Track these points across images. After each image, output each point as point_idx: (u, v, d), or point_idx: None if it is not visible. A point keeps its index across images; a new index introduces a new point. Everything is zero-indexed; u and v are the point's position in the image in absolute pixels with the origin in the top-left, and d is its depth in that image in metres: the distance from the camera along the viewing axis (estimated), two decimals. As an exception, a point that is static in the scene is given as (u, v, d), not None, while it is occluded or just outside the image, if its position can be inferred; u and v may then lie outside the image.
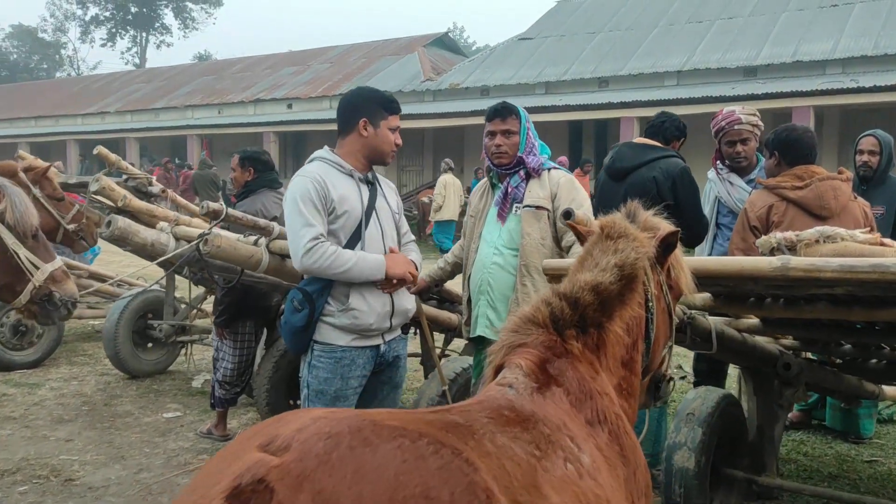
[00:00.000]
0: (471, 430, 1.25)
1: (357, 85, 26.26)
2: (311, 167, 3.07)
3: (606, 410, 1.60)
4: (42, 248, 3.17)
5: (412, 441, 1.06)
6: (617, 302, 1.77)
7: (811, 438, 5.08)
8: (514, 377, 1.57)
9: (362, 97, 3.16)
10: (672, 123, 4.19)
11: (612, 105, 18.91)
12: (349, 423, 1.06)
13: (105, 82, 37.44)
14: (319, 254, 2.88)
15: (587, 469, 1.41)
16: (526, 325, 1.68)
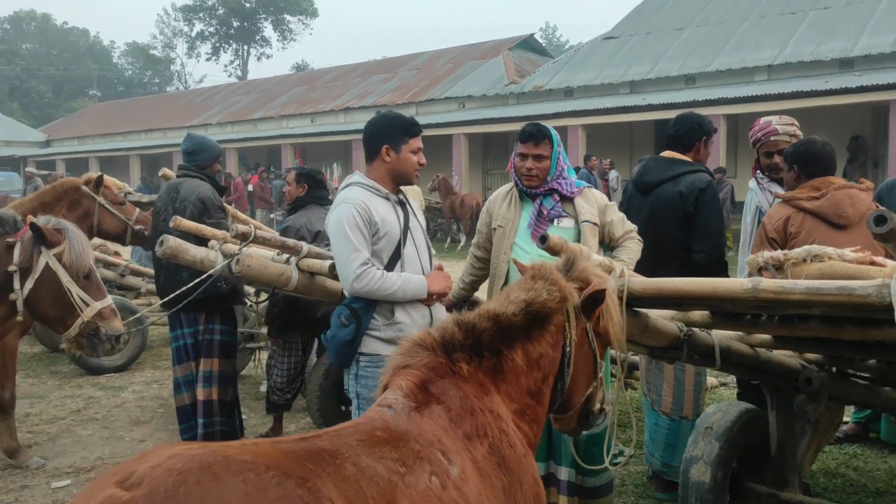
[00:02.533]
0: (334, 455, 1.40)
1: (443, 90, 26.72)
2: (352, 193, 3.25)
3: (487, 426, 1.73)
4: (94, 287, 3.52)
5: (257, 474, 1.20)
6: (521, 334, 1.90)
7: (865, 452, 4.92)
8: (393, 398, 1.72)
9: (383, 125, 3.33)
10: (687, 127, 4.19)
11: (699, 103, 18.38)
12: (201, 459, 1.21)
13: (208, 95, 39.36)
14: (368, 279, 3.09)
15: (453, 480, 1.55)
16: (414, 348, 1.83)
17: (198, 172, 4.96)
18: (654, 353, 3.06)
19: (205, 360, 4.92)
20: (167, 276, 4.88)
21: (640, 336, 2.83)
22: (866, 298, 2.16)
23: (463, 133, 22.94)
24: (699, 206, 3.92)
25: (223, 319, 4.95)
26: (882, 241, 1.98)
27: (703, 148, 4.24)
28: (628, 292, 2.63)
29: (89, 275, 3.48)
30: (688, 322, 3.03)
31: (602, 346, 2.18)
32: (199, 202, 4.76)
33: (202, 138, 5.24)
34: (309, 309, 5.04)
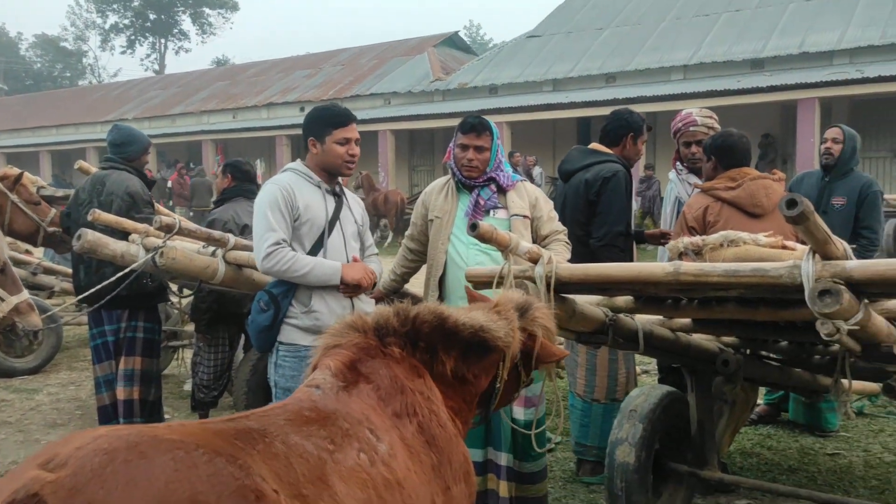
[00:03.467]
0: (263, 434, 1.40)
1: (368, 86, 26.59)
2: (282, 176, 3.30)
3: (417, 405, 1.76)
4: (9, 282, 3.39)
5: (187, 452, 1.19)
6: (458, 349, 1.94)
7: (778, 433, 5.16)
8: (321, 378, 1.73)
9: (311, 116, 3.37)
10: (615, 123, 4.31)
11: (619, 101, 18.82)
12: (127, 439, 1.19)
13: (123, 89, 38.04)
14: (279, 258, 3.10)
15: (381, 457, 1.57)
16: (345, 330, 1.84)
17: (125, 165, 4.80)
18: (581, 338, 3.14)
19: (126, 359, 4.77)
20: (87, 272, 4.71)
21: (567, 321, 2.90)
22: (779, 279, 2.28)
23: (389, 129, 22.89)
24: (600, 193, 4.02)
25: (147, 317, 4.81)
26: (793, 224, 2.09)
27: (632, 144, 4.32)
28: (556, 278, 2.70)
29: (4, 269, 3.35)
30: (613, 308, 3.12)
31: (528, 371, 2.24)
32: (128, 196, 4.60)
33: (130, 129, 5.08)
34: (236, 304, 4.95)
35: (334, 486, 1.42)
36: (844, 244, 2.28)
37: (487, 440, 3.59)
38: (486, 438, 3.59)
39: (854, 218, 4.71)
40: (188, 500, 1.13)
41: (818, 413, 5.00)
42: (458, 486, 1.84)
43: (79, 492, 1.08)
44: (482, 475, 3.58)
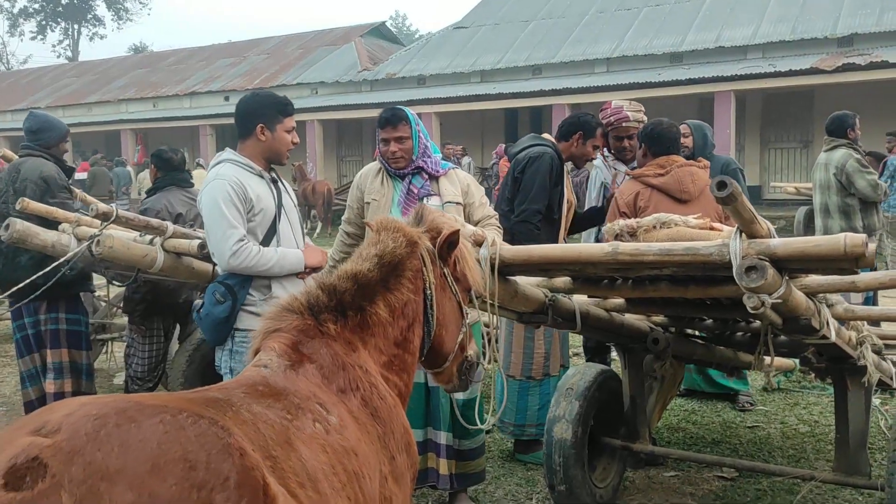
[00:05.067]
0: (229, 403, 1.47)
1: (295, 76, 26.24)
2: (225, 170, 3.21)
3: (358, 380, 1.83)
4: None
5: (173, 416, 1.24)
6: (379, 287, 2.00)
7: (702, 408, 5.42)
8: (268, 359, 1.78)
9: (259, 103, 3.32)
10: (569, 120, 4.46)
11: (545, 92, 19.27)
12: (114, 405, 1.23)
13: (35, 77, 36.44)
14: (245, 255, 3.09)
15: (334, 427, 1.65)
16: (282, 313, 1.90)
17: (42, 152, 4.67)
18: (521, 318, 3.25)
19: (52, 352, 4.66)
20: (5, 261, 4.58)
21: (510, 302, 3.01)
22: (709, 257, 2.43)
23: (317, 120, 22.69)
24: (525, 171, 4.18)
25: (69, 308, 4.70)
26: (723, 205, 2.23)
27: (580, 144, 4.42)
28: (500, 260, 2.80)
29: None
30: (552, 288, 3.24)
31: (464, 291, 2.31)
32: (42, 181, 4.50)
33: (47, 116, 4.98)
34: (171, 294, 4.89)
35: (299, 450, 1.49)
36: (768, 224, 2.45)
37: (427, 420, 3.68)
38: (426, 419, 3.67)
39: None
40: (180, 458, 1.17)
41: (709, 377, 5.32)
42: (401, 455, 1.91)
43: (78, 454, 1.12)
44: (423, 454, 3.66)
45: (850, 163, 6.09)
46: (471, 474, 3.77)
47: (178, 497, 1.15)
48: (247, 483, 1.24)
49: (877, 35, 17.37)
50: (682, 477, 4.27)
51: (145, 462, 1.15)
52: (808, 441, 4.73)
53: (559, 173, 4.25)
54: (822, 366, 3.50)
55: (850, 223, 6.15)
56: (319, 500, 1.45)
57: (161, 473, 1.16)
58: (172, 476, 1.16)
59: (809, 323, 2.66)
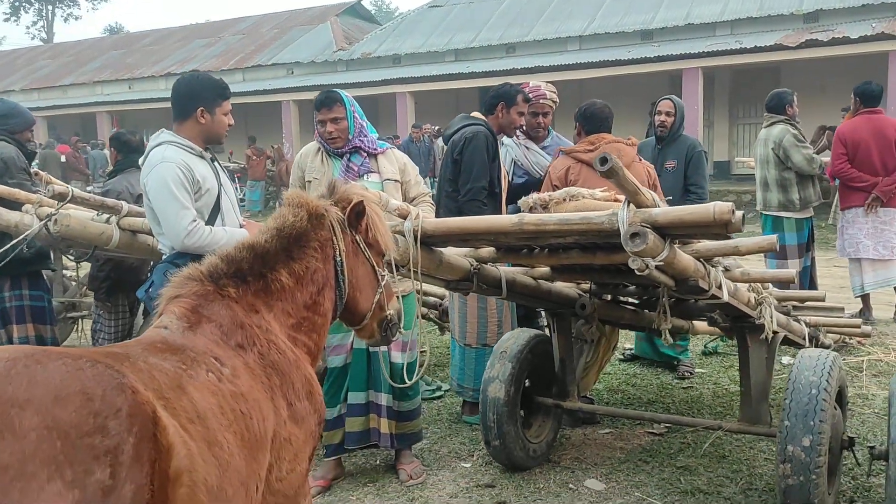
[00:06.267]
0: (127, 356, 1.72)
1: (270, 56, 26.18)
2: (169, 153, 3.34)
3: (256, 337, 2.07)
4: None
5: (73, 359, 1.49)
6: (281, 257, 2.23)
7: (643, 372, 5.75)
8: (168, 321, 2.02)
9: (198, 86, 3.47)
10: (490, 94, 4.69)
11: (518, 71, 19.36)
12: (24, 351, 1.48)
13: (8, 59, 36.04)
14: (199, 235, 3.27)
15: (226, 376, 1.89)
16: (184, 280, 2.13)
17: (6, 136, 4.87)
18: (449, 286, 3.52)
19: (17, 327, 4.89)
20: None
21: (435, 270, 3.28)
22: (601, 225, 2.70)
23: (292, 100, 22.72)
24: (463, 153, 4.42)
25: (31, 284, 4.92)
26: (606, 178, 2.50)
27: (504, 112, 4.67)
28: (422, 231, 3.06)
29: None
30: (478, 258, 3.51)
31: (378, 255, 2.54)
32: (1, 162, 4.70)
33: (16, 104, 5.21)
34: (134, 272, 5.13)
35: (190, 393, 1.73)
36: (654, 194, 2.72)
37: (370, 384, 3.95)
38: (368, 382, 3.94)
39: (683, 176, 5.34)
40: (79, 392, 1.42)
41: (655, 347, 5.64)
42: (302, 402, 2.14)
43: None
44: (366, 415, 3.95)
45: (787, 138, 6.38)
46: (409, 434, 4.05)
47: (77, 422, 1.39)
48: (138, 414, 1.48)
49: (841, 11, 17.65)
50: (616, 434, 4.58)
51: (49, 394, 1.39)
52: (735, 400, 5.05)
53: (494, 149, 4.50)
54: (726, 325, 3.80)
55: (787, 196, 6.46)
56: (206, 433, 1.71)
57: (62, 403, 1.40)
58: (72, 405, 1.40)
59: (698, 284, 2.94)
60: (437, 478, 4.02)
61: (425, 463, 4.18)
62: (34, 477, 1.29)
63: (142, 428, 1.46)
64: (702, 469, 3.99)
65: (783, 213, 6.52)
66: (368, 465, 4.24)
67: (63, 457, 1.33)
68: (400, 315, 2.67)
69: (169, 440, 1.52)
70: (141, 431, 1.45)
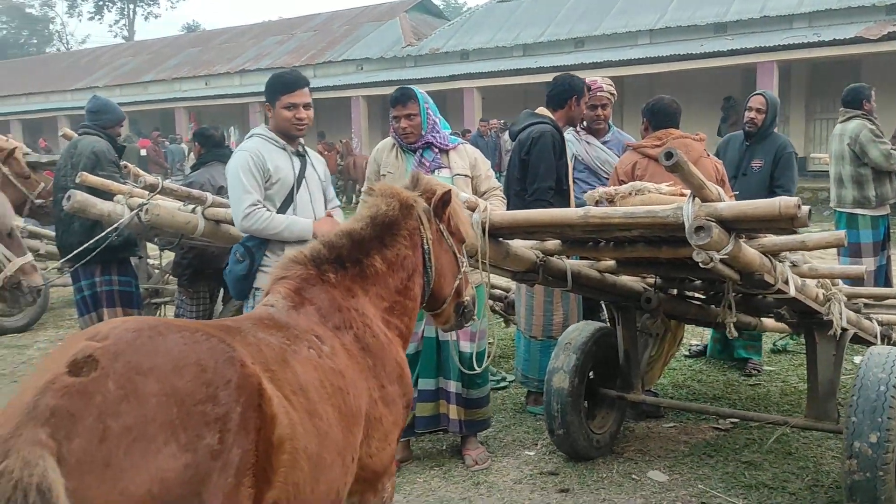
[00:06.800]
0: (238, 330, 1.87)
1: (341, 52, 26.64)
2: (249, 143, 3.68)
3: (352, 320, 2.21)
4: (16, 245, 3.78)
5: (191, 333, 1.65)
6: (374, 244, 2.36)
7: (709, 368, 5.72)
8: (274, 300, 2.18)
9: (269, 83, 3.74)
10: (558, 88, 4.72)
11: (587, 65, 19.23)
12: (148, 323, 1.64)
13: (93, 57, 37.65)
14: (256, 218, 3.51)
15: (326, 353, 2.04)
16: (289, 264, 2.29)
17: (98, 131, 5.19)
18: (516, 277, 3.62)
19: (109, 311, 5.20)
20: (64, 229, 5.15)
21: (502, 261, 3.38)
22: (666, 219, 2.76)
23: (361, 96, 23.11)
24: (530, 153, 4.47)
25: (120, 271, 5.23)
26: (671, 172, 2.55)
27: (575, 105, 4.74)
28: (490, 223, 3.17)
29: (11, 233, 3.73)
30: (544, 251, 3.60)
31: (458, 243, 2.66)
32: (93, 155, 5.01)
33: (107, 101, 5.52)
34: (215, 260, 5.37)
35: (293, 367, 1.88)
36: (720, 189, 2.77)
37: (439, 371, 4.08)
38: (438, 369, 4.08)
39: (770, 177, 5.23)
40: (194, 363, 1.58)
41: (731, 348, 5.58)
42: (392, 385, 2.28)
43: (120, 354, 1.52)
44: (435, 401, 4.08)
45: (863, 133, 6.22)
46: (478, 421, 4.17)
47: (192, 391, 1.55)
48: (245, 385, 1.63)
49: (928, 1, 16.97)
50: (680, 428, 4.60)
51: (169, 363, 1.55)
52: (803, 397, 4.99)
53: (561, 146, 4.56)
54: (794, 321, 3.79)
55: (862, 192, 6.30)
56: (307, 404, 1.86)
57: (180, 372, 1.56)
58: (188, 375, 1.56)
59: (763, 279, 2.96)
60: (502, 464, 4.13)
61: (490, 450, 4.29)
62: (153, 439, 1.45)
63: (248, 398, 1.61)
64: (767, 465, 3.99)
65: (858, 209, 6.36)
66: (435, 449, 4.37)
67: (178, 422, 1.49)
68: (474, 301, 2.79)
69: (273, 410, 1.67)
70: (248, 401, 1.60)
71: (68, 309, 8.38)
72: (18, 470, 1.31)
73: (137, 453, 1.42)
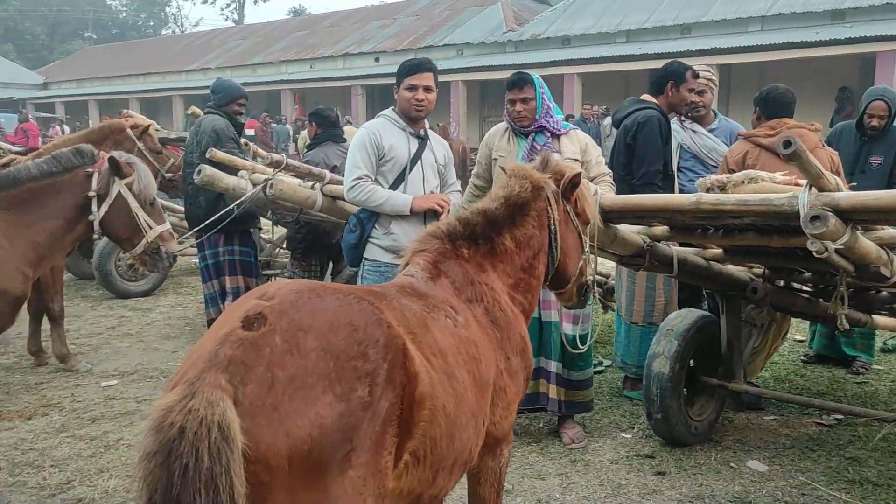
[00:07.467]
0: (384, 295, 2.04)
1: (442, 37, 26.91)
2: (373, 121, 3.97)
3: (483, 294, 2.35)
4: (157, 214, 4.11)
5: (344, 295, 1.83)
6: (506, 223, 2.49)
7: (814, 364, 5.60)
8: (414, 270, 2.35)
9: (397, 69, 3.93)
10: (658, 74, 4.70)
11: (693, 52, 18.78)
12: (308, 285, 1.83)
13: (206, 39, 39.31)
14: (359, 190, 3.79)
15: (460, 323, 2.19)
16: (427, 238, 2.45)
17: (217, 110, 5.53)
18: (622, 261, 3.69)
19: (230, 278, 5.57)
20: (191, 202, 5.54)
21: (609, 245, 3.46)
22: (780, 207, 2.78)
23: (461, 80, 23.29)
24: (636, 137, 4.46)
25: (241, 241, 5.58)
26: (788, 161, 2.58)
27: (674, 91, 4.68)
28: (600, 206, 3.25)
29: (153, 203, 4.07)
30: (651, 236, 3.65)
31: (584, 224, 2.76)
32: (213, 133, 5.36)
33: (223, 81, 5.87)
34: (326, 235, 5.67)
35: (433, 332, 2.05)
36: (837, 179, 2.76)
37: (540, 350, 4.19)
38: (538, 349, 4.18)
39: (889, 174, 5.04)
40: (347, 323, 1.76)
41: (837, 345, 5.43)
42: (516, 358, 2.42)
43: (285, 312, 1.72)
44: (535, 380, 4.19)
45: None
46: (578, 402, 4.25)
47: (345, 347, 1.73)
48: (391, 344, 1.80)
49: None
50: (781, 421, 4.56)
51: (325, 322, 1.74)
52: (915, 398, 4.86)
53: (667, 131, 4.54)
54: (910, 317, 3.71)
55: None
56: (445, 367, 2.01)
57: (335, 330, 1.74)
58: (342, 333, 1.75)
59: (879, 271, 2.94)
60: (598, 444, 4.22)
61: (586, 430, 4.38)
62: (313, 388, 1.64)
63: (394, 356, 1.78)
64: (872, 462, 3.93)
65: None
66: (532, 426, 4.50)
67: (334, 374, 1.67)
68: (595, 281, 2.88)
69: (415, 369, 1.84)
70: (394, 359, 1.77)
71: (186, 277, 8.94)
72: (203, 408, 1.52)
73: (300, 400, 1.61)
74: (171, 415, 1.54)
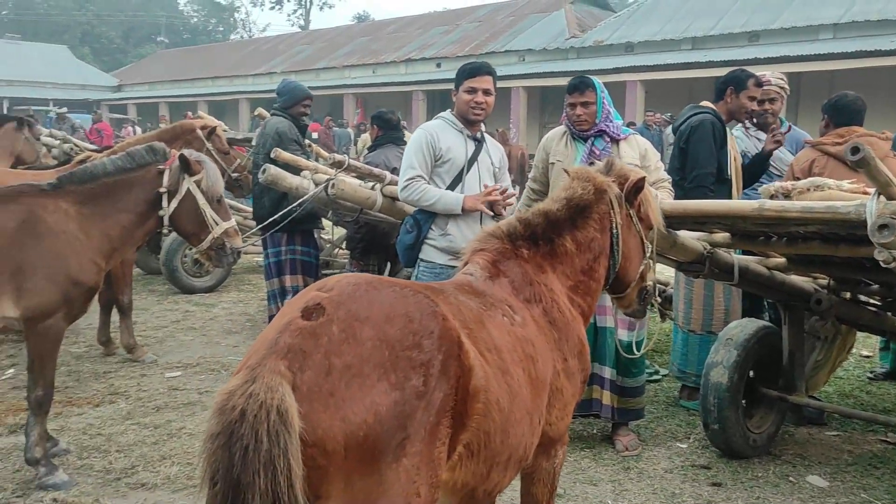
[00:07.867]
0: (441, 290, 2.08)
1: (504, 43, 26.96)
2: (431, 122, 4.01)
3: (542, 294, 2.36)
4: (223, 210, 4.23)
5: (401, 288, 1.88)
6: (567, 225, 2.49)
7: (880, 381, 5.42)
8: (473, 269, 2.37)
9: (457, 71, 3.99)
10: (720, 81, 4.65)
11: (761, 60, 18.37)
12: (365, 278, 1.89)
13: (272, 44, 40.20)
14: (412, 189, 3.82)
15: (517, 322, 2.20)
16: (487, 237, 2.47)
17: (282, 112, 5.67)
18: (681, 267, 3.65)
19: (291, 277, 5.69)
20: (256, 202, 5.70)
21: (669, 250, 3.43)
22: (847, 215, 2.72)
23: (522, 86, 23.26)
24: (689, 141, 4.42)
25: (303, 241, 5.70)
26: (856, 168, 2.52)
27: (733, 98, 4.60)
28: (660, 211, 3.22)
29: (220, 200, 4.19)
30: (712, 243, 3.60)
31: (646, 229, 2.74)
32: (276, 135, 5.49)
33: (289, 83, 5.99)
34: (384, 236, 5.75)
35: (489, 329, 2.08)
36: (907, 187, 2.68)
37: (594, 356, 4.16)
38: (593, 355, 4.15)
39: None
40: (403, 315, 1.80)
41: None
42: (573, 359, 2.42)
43: (342, 303, 1.77)
44: (589, 385, 4.16)
45: None
46: (631, 409, 4.22)
47: (400, 337, 1.77)
48: (446, 337, 1.84)
49: None
50: (844, 437, 4.43)
51: (381, 313, 1.79)
52: None
53: (722, 135, 4.46)
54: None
55: None
56: (500, 363, 2.03)
57: (391, 321, 1.78)
58: (398, 324, 1.79)
59: (952, 283, 2.84)
60: (652, 453, 4.17)
61: (641, 439, 4.33)
62: (368, 376, 1.68)
63: (449, 349, 1.82)
64: (940, 483, 3.79)
65: None
66: (586, 432, 4.47)
67: (389, 364, 1.71)
68: (656, 287, 2.85)
69: (470, 362, 1.87)
70: (448, 351, 1.81)
71: (248, 275, 9.15)
72: (263, 393, 1.59)
73: (356, 387, 1.66)
74: (232, 398, 1.60)
